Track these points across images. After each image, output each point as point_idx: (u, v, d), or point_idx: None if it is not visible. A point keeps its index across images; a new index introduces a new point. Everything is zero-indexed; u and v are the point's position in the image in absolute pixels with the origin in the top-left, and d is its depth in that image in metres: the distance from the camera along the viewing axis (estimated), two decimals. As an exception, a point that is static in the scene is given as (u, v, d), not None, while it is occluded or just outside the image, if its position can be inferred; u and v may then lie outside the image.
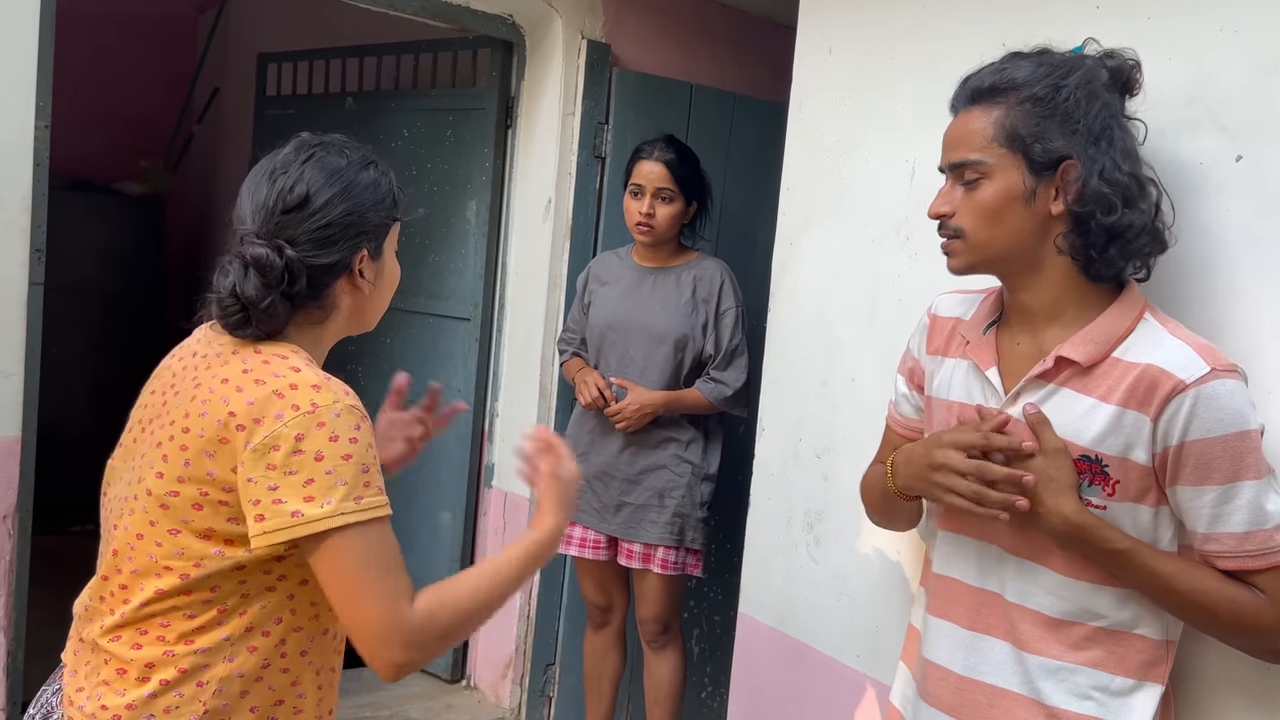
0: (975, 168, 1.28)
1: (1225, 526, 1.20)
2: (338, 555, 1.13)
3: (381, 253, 1.29)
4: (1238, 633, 1.23)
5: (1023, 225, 1.27)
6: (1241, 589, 1.21)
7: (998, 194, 1.27)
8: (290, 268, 1.18)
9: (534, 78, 2.98)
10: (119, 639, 1.18)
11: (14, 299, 2.15)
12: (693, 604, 3.14)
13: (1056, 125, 1.25)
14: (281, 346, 1.21)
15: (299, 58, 3.66)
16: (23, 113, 2.11)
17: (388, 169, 1.30)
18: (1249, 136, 1.36)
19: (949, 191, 1.32)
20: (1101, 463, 1.24)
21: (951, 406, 1.39)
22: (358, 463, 1.13)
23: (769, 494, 2.10)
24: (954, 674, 1.37)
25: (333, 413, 1.13)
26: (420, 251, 3.26)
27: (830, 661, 1.92)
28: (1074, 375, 1.27)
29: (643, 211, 2.55)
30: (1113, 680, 1.28)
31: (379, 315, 1.35)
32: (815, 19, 2.04)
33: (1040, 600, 1.30)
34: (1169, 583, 1.22)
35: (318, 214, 1.20)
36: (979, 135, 1.28)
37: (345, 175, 1.23)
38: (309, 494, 1.11)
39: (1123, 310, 1.28)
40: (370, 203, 1.24)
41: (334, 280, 1.24)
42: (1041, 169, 1.25)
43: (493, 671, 3.13)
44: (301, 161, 1.22)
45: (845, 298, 1.94)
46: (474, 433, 3.12)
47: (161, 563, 1.17)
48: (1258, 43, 1.36)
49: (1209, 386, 1.19)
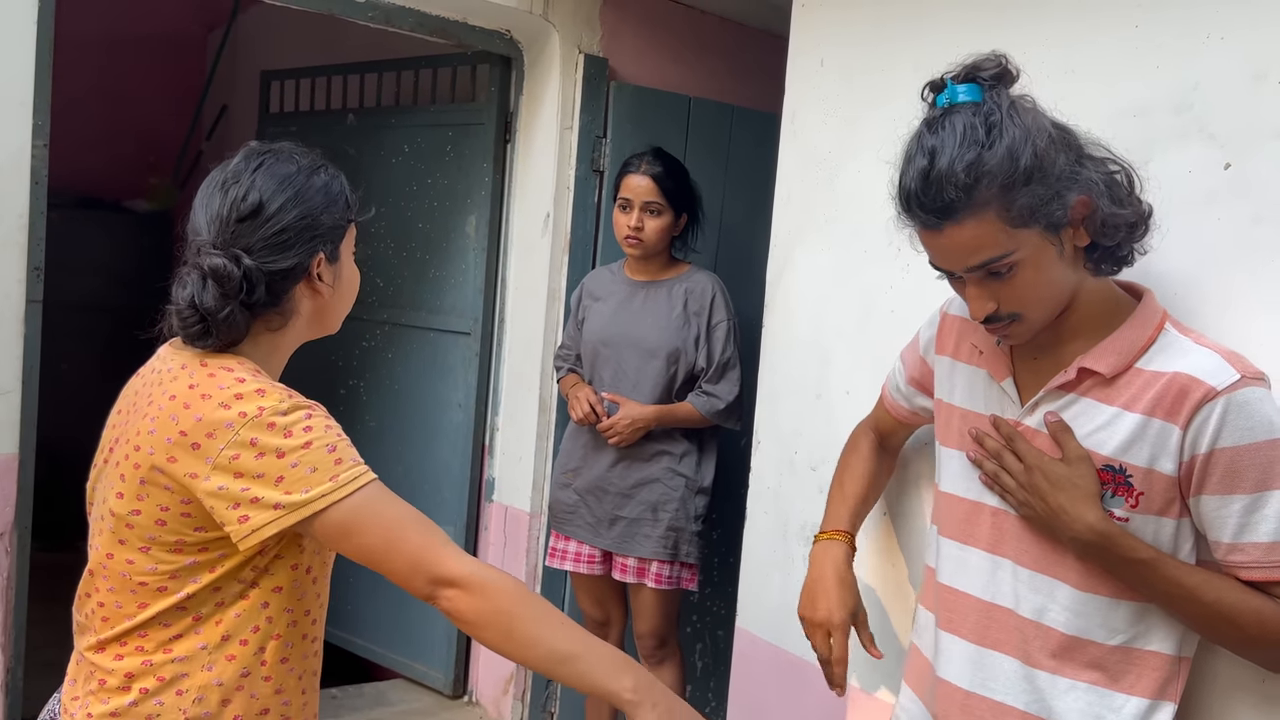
0: (1005, 262, 1.18)
1: (1252, 536, 1.18)
2: (346, 528, 1.14)
3: (339, 256, 1.29)
4: (1261, 645, 1.20)
5: (1065, 277, 1.23)
6: (1266, 601, 1.19)
7: (1039, 270, 1.19)
8: (248, 276, 1.19)
9: (532, 92, 2.99)
10: (103, 651, 1.21)
11: (12, 316, 2.16)
12: (695, 619, 3.12)
13: (1050, 181, 1.16)
14: (229, 359, 1.22)
15: (301, 75, 3.68)
16: (20, 132, 2.13)
17: (338, 173, 1.30)
18: (1238, 145, 1.35)
19: (981, 291, 1.22)
20: (1126, 473, 1.22)
21: (967, 415, 1.38)
22: (320, 446, 1.14)
23: (765, 507, 2.08)
24: (960, 690, 1.35)
25: (278, 413, 1.15)
26: (421, 266, 3.26)
27: (827, 677, 1.90)
28: (1095, 385, 1.25)
29: (631, 225, 2.55)
30: (1128, 701, 1.25)
31: (341, 318, 1.35)
32: (807, 31, 2.03)
33: (1055, 616, 1.28)
34: (1194, 593, 1.20)
35: (271, 220, 1.21)
36: (990, 236, 1.16)
37: (296, 181, 1.23)
38: (286, 489, 1.13)
39: (1143, 320, 1.26)
40: (322, 206, 1.25)
41: (292, 285, 1.24)
42: (1060, 223, 1.19)
43: (494, 688, 3.12)
44: (252, 170, 1.23)
45: (838, 310, 1.93)
46: (474, 447, 3.12)
47: (135, 579, 1.19)
48: (1245, 51, 1.35)
49: (1240, 394, 1.16)
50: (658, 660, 2.66)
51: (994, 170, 1.14)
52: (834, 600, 1.50)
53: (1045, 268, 1.20)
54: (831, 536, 1.57)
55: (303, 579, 1.25)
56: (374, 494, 1.16)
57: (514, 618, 1.13)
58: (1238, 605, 1.18)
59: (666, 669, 2.66)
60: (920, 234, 1.24)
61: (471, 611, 1.13)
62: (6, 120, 2.12)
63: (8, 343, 2.16)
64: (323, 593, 1.30)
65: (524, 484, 3.02)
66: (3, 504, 2.19)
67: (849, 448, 1.69)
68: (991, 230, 1.17)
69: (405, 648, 3.31)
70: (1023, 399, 1.32)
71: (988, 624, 1.33)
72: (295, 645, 1.26)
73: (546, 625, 1.15)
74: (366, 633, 3.38)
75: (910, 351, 1.57)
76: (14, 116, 2.12)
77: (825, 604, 1.50)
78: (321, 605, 1.31)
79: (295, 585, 1.24)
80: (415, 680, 3.29)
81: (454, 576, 1.13)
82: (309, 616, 1.27)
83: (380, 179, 3.34)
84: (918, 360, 1.54)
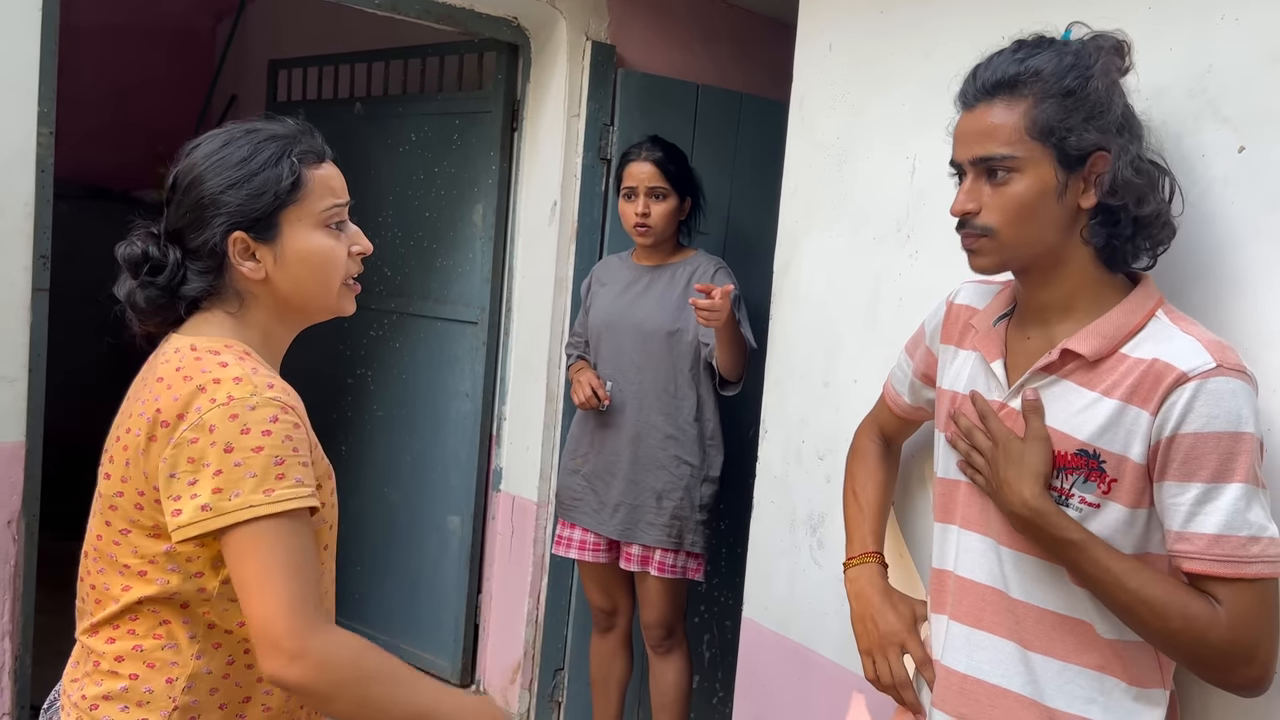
0: (1005, 163, 1.23)
1: (1199, 526, 1.16)
2: (241, 550, 1.10)
3: (275, 234, 1.22)
4: (1183, 643, 1.17)
5: (1054, 221, 1.23)
6: (1197, 598, 1.16)
7: (1030, 190, 1.22)
8: (149, 257, 1.19)
9: (539, 80, 2.97)
10: (96, 635, 1.21)
11: (17, 304, 2.16)
12: (703, 609, 3.11)
13: (1085, 117, 1.21)
14: (216, 342, 1.20)
15: (309, 64, 3.68)
16: (25, 120, 2.13)
17: (287, 145, 1.22)
18: (1251, 128, 1.32)
19: (972, 188, 1.26)
20: (1099, 459, 1.21)
21: (955, 398, 1.37)
22: (270, 455, 1.11)
23: (772, 496, 2.07)
24: (957, 673, 1.34)
25: (247, 405, 1.12)
26: (428, 255, 3.26)
27: (834, 667, 1.89)
28: (1078, 369, 1.24)
29: (638, 212, 2.55)
30: (1118, 685, 1.24)
31: (319, 302, 1.28)
32: (815, 17, 2.01)
33: (1044, 597, 1.27)
34: (1119, 580, 1.18)
35: (182, 197, 1.21)
36: (1007, 129, 1.22)
37: (213, 156, 1.21)
38: (217, 485, 1.10)
39: (1135, 305, 1.25)
40: (228, 182, 1.19)
41: (214, 264, 1.21)
42: (1074, 162, 1.22)
43: (501, 676, 3.12)
44: (188, 152, 1.23)
45: (846, 297, 1.92)
46: (482, 437, 3.12)
47: (121, 561, 1.18)
48: (1259, 32, 1.32)
49: (1212, 382, 1.15)
50: (665, 650, 2.65)
51: (1042, 71, 1.22)
52: (890, 616, 1.48)
53: (1037, 195, 1.23)
54: (862, 560, 1.56)
55: None
56: (289, 527, 1.11)
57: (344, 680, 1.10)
58: (1163, 598, 1.16)
59: (674, 658, 2.66)
60: (958, 120, 1.30)
61: (301, 688, 1.09)
62: (11, 109, 2.11)
63: (14, 331, 2.16)
64: (323, 584, 1.27)
65: (531, 473, 3.01)
66: (10, 492, 2.20)
67: (854, 456, 1.66)
68: (1011, 125, 1.22)
69: (413, 636, 3.31)
70: (1010, 381, 1.31)
71: (981, 606, 1.32)
72: None
73: (397, 687, 1.13)
74: (374, 621, 3.39)
75: (914, 344, 1.56)
76: (19, 105, 2.12)
77: (884, 623, 1.48)
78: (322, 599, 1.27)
79: None
80: (423, 669, 3.26)
81: (297, 649, 1.08)
82: None
83: (387, 168, 3.33)
84: (923, 351, 1.53)
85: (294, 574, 1.11)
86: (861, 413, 1.85)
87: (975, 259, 1.29)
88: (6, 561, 2.22)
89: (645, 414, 2.56)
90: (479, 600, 3.19)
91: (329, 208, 1.25)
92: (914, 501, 1.75)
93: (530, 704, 3.06)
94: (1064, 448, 1.23)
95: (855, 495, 1.62)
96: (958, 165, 1.30)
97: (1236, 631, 1.14)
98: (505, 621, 3.10)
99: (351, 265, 1.29)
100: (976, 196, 1.26)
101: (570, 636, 3.05)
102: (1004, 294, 1.40)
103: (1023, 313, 1.34)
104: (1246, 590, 1.14)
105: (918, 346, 1.55)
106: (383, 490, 3.41)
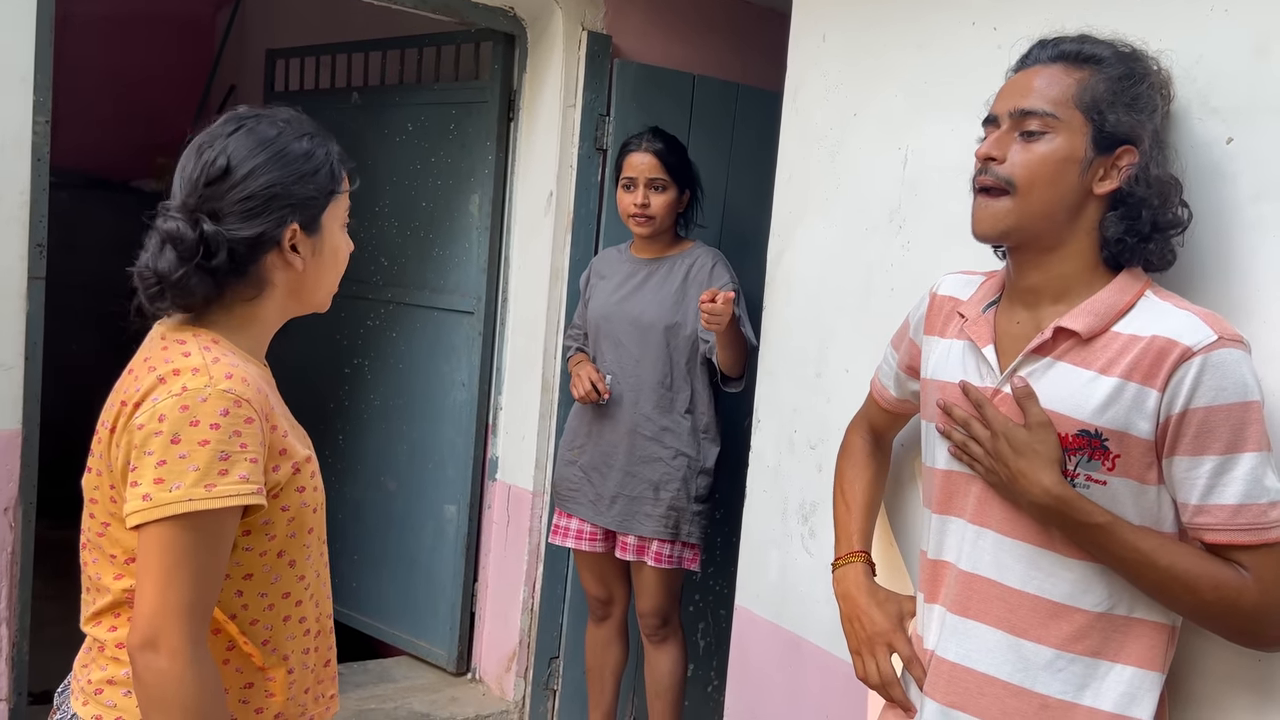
0: (1045, 120, 1.25)
1: (1219, 498, 1.17)
2: (163, 538, 1.09)
3: (319, 228, 1.25)
4: (1217, 613, 1.19)
5: (1069, 193, 1.25)
6: (1224, 566, 1.18)
7: (1059, 152, 1.24)
8: (206, 240, 1.16)
9: (535, 70, 2.97)
10: (99, 623, 1.22)
11: (14, 292, 2.17)
12: (698, 598, 3.13)
13: (1130, 109, 1.24)
14: (185, 332, 1.20)
15: (306, 53, 3.67)
16: (21, 108, 2.14)
17: (327, 142, 1.26)
18: (1240, 119, 1.33)
19: (1003, 137, 1.28)
20: (1101, 437, 1.22)
21: (946, 387, 1.37)
22: (215, 449, 1.10)
23: (764, 485, 2.08)
24: (947, 661, 1.35)
25: (199, 397, 1.11)
26: (424, 245, 3.26)
27: (825, 654, 1.90)
28: (1072, 348, 1.25)
29: (637, 203, 2.55)
30: (1112, 668, 1.25)
31: (326, 294, 1.32)
32: (809, 6, 2.02)
33: (1040, 584, 1.27)
34: (1149, 558, 1.19)
35: (239, 185, 1.18)
36: (1059, 89, 1.25)
37: (272, 146, 1.20)
38: (159, 475, 1.09)
39: (1124, 285, 1.26)
40: (296, 174, 1.21)
41: (261, 255, 1.21)
42: (1104, 145, 1.24)
43: (497, 664, 3.14)
44: (228, 134, 1.21)
45: (839, 287, 1.92)
46: (478, 426, 3.12)
47: (108, 552, 1.20)
48: (1249, 24, 1.33)
49: (1216, 354, 1.16)
50: (660, 639, 2.67)
51: (1103, 54, 1.27)
52: (877, 616, 1.49)
53: (1064, 159, 1.25)
54: (848, 560, 1.57)
55: (276, 564, 1.22)
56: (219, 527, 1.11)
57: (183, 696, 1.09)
58: (1193, 570, 1.18)
59: (668, 647, 2.67)
60: (1008, 81, 1.33)
61: (153, 681, 1.08)
62: (7, 97, 2.12)
63: (10, 319, 2.17)
64: (306, 574, 1.27)
65: (527, 463, 3.02)
66: (6, 479, 2.21)
67: (843, 454, 1.67)
68: (1060, 90, 1.26)
69: (410, 625, 3.33)
70: (1002, 366, 1.32)
71: (970, 595, 1.33)
72: (276, 628, 1.24)
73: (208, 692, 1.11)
74: (371, 610, 3.40)
75: (899, 338, 1.56)
76: (15, 93, 2.13)
77: (870, 623, 1.49)
78: (307, 588, 1.28)
79: (267, 571, 1.22)
80: (419, 657, 3.31)
81: (172, 646, 1.08)
82: (289, 599, 1.25)
83: (384, 157, 3.33)
84: (908, 344, 1.54)
85: (201, 577, 1.11)
86: (853, 402, 1.85)
87: (984, 216, 1.29)
88: (3, 548, 2.23)
89: (642, 407, 2.57)
90: (475, 589, 3.20)
91: (349, 207, 1.30)
92: (905, 494, 1.76)
93: (525, 692, 3.07)
94: (1065, 429, 1.24)
95: (843, 494, 1.63)
96: (994, 118, 1.31)
97: (1267, 595, 1.17)
98: (501, 610, 3.12)
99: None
100: (1004, 146, 1.27)
101: (565, 625, 3.07)
102: (989, 283, 1.41)
103: (1011, 298, 1.35)
104: (1271, 554, 1.17)
105: (902, 340, 1.55)
106: (379, 479, 3.42)
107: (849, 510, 1.61)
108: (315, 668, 1.31)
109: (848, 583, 1.55)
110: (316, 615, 1.30)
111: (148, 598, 1.09)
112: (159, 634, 1.08)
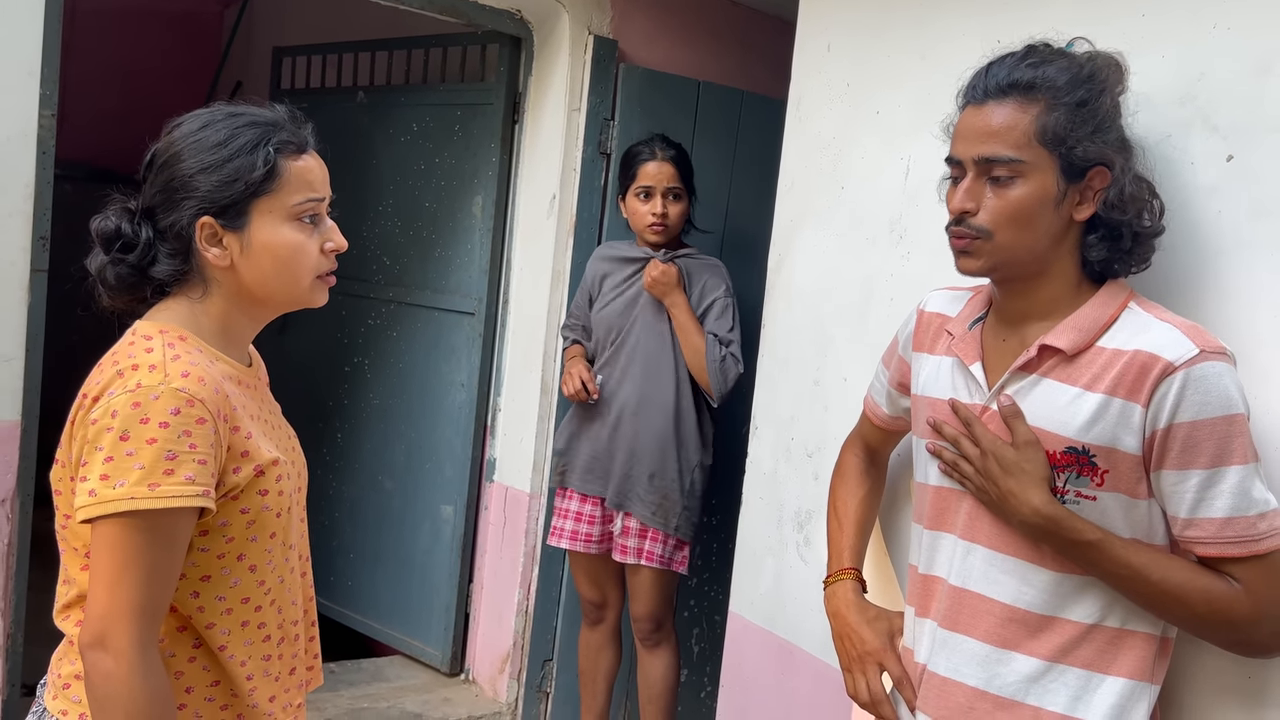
0: (1011, 166, 1.23)
1: (1207, 512, 1.18)
2: (110, 537, 1.08)
3: (245, 222, 1.19)
4: (1211, 624, 1.20)
5: (1048, 230, 1.24)
6: (1215, 579, 1.19)
7: (1032, 196, 1.23)
8: (120, 234, 1.18)
9: (541, 73, 2.98)
10: (68, 617, 1.21)
11: (16, 284, 2.17)
12: (693, 603, 3.13)
13: (1093, 130, 1.23)
14: (151, 326, 1.19)
15: (313, 51, 3.68)
16: (27, 102, 2.14)
17: (264, 138, 1.19)
18: (1240, 137, 1.33)
19: (973, 186, 1.26)
20: (1089, 453, 1.22)
21: (935, 404, 1.38)
22: (162, 448, 1.08)
23: (761, 493, 2.08)
24: (937, 676, 1.35)
25: (152, 394, 1.09)
26: (426, 246, 3.27)
27: (817, 662, 1.90)
28: (1058, 365, 1.25)
29: (656, 213, 2.56)
30: (1105, 680, 1.25)
31: (282, 293, 1.24)
32: (815, 16, 2.02)
33: (1031, 599, 1.28)
34: (1141, 573, 1.20)
35: (154, 178, 1.19)
36: (1017, 132, 1.22)
37: (191, 138, 1.19)
38: (105, 471, 1.08)
39: (1108, 299, 1.26)
40: (201, 165, 1.17)
41: (183, 247, 1.19)
42: (1075, 174, 1.23)
43: (491, 666, 3.14)
44: (172, 128, 1.22)
45: (838, 296, 1.93)
46: (476, 427, 3.13)
47: (72, 544, 1.19)
48: (1251, 41, 1.33)
49: (1198, 368, 1.17)
50: (653, 643, 2.67)
51: (1055, 81, 1.23)
52: (867, 634, 1.49)
53: (1038, 201, 1.23)
54: (838, 578, 1.57)
55: (235, 567, 1.20)
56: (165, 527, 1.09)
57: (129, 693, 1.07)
58: (1185, 584, 1.19)
59: (661, 652, 2.67)
60: (962, 116, 1.29)
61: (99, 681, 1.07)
62: (14, 91, 2.13)
63: (11, 310, 2.17)
64: (268, 579, 1.23)
65: (524, 465, 3.03)
66: (4, 470, 2.21)
67: (837, 473, 1.67)
68: (1019, 128, 1.23)
69: (403, 625, 3.33)
70: (990, 383, 1.32)
71: (961, 609, 1.33)
72: (234, 633, 1.21)
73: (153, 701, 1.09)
74: (365, 609, 3.41)
75: (890, 355, 1.57)
76: (22, 87, 2.13)
77: (859, 642, 1.49)
78: (268, 593, 1.24)
79: (226, 574, 1.19)
80: (413, 657, 3.31)
81: (119, 647, 1.07)
82: (248, 604, 1.21)
83: (388, 157, 3.34)
84: (898, 361, 1.54)
85: (151, 578, 1.09)
86: (851, 411, 1.86)
87: (965, 260, 1.29)
88: (0, 540, 2.23)
89: (640, 404, 2.58)
90: (470, 590, 3.20)
91: (302, 201, 1.22)
92: (902, 508, 1.76)
93: (518, 694, 3.07)
94: (1053, 446, 1.24)
95: (836, 511, 1.63)
96: (957, 161, 1.29)
97: (1259, 605, 1.17)
98: (495, 611, 3.12)
99: (323, 261, 1.26)
100: (977, 196, 1.26)
101: (560, 628, 3.07)
102: (976, 299, 1.41)
103: (998, 317, 1.35)
104: (1261, 564, 1.17)
105: (892, 357, 1.55)
106: (377, 478, 3.42)
107: (841, 528, 1.61)
108: (280, 675, 1.27)
109: (838, 601, 1.55)
110: (279, 622, 1.26)
111: (98, 597, 1.09)
112: (107, 634, 1.08)
